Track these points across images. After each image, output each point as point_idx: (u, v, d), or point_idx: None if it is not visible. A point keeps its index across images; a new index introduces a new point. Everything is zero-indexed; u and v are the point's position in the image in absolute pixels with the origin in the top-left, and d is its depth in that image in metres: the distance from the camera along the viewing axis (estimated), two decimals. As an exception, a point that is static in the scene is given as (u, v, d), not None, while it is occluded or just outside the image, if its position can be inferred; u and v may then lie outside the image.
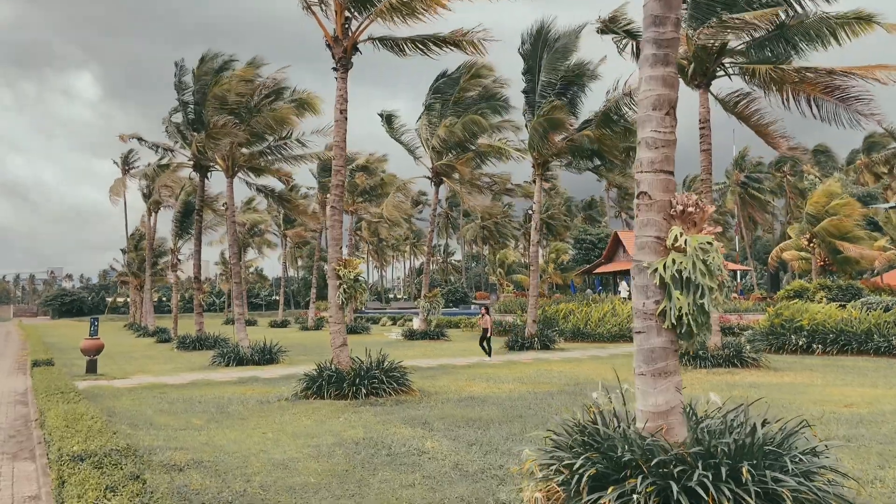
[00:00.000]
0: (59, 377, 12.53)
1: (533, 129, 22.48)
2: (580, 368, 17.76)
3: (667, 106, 5.55)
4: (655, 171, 5.53)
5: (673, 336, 5.57)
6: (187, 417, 11.10)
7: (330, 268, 13.32)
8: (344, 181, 13.62)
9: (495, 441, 8.56)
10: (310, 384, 12.63)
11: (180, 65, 26.77)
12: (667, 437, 5.41)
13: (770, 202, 73.43)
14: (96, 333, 18.26)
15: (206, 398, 13.31)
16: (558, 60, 22.82)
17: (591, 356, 21.56)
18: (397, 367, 13.25)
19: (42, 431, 8.49)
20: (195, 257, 28.38)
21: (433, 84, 29.44)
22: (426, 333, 31.68)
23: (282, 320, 55.58)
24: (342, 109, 13.41)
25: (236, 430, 9.87)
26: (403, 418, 10.43)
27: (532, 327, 24.50)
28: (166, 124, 28.88)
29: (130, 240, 53.48)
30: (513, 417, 10.28)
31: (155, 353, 26.94)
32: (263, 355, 20.64)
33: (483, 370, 17.77)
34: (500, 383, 14.81)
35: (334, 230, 13.50)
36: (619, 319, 28.75)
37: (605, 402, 6.22)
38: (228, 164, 22.18)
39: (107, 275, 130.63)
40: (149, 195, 44.87)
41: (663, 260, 5.47)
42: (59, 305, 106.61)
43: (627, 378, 15.07)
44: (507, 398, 12.40)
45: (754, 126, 18.86)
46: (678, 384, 5.61)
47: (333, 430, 9.58)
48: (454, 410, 11.10)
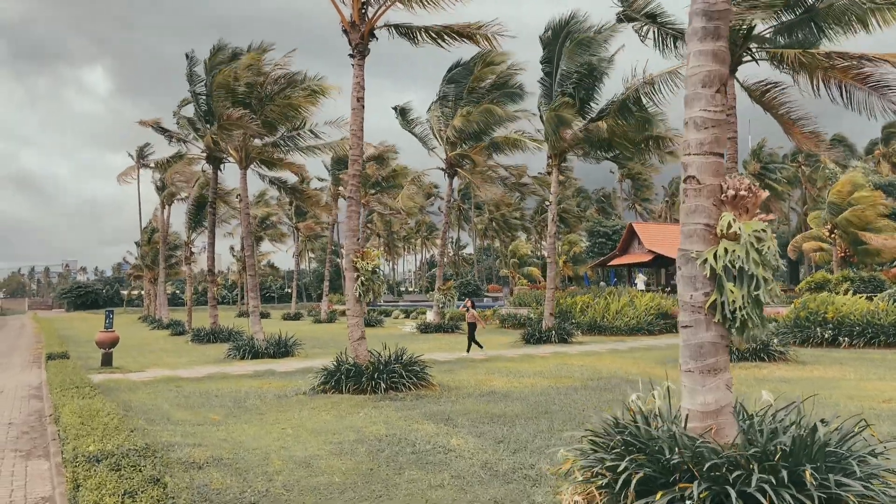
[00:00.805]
0: (73, 371, 12.33)
1: (547, 121, 22.06)
2: (601, 362, 17.40)
3: (717, 82, 5.18)
4: (704, 154, 5.17)
5: (723, 330, 5.23)
6: (204, 412, 10.87)
7: (347, 260, 13.03)
8: (360, 171, 13.30)
9: (523, 438, 8.25)
10: (328, 378, 12.37)
11: (191, 56, 26.53)
12: (716, 437, 5.08)
13: (786, 193, 72.56)
14: (111, 326, 18.10)
15: (222, 392, 13.09)
16: (580, 54, 22.27)
17: (610, 350, 21.18)
18: (416, 360, 12.95)
19: (56, 427, 8.26)
20: (209, 250, 28.21)
21: (447, 74, 29.00)
22: (440, 326, 31.39)
23: (294, 313, 55.51)
24: (359, 97, 13.07)
25: (255, 425, 9.62)
26: (425, 414, 10.14)
27: (549, 320, 24.13)
28: (177, 117, 28.73)
29: (144, 233, 53.54)
30: (538, 413, 9.95)
31: (170, 345, 26.84)
32: (279, 348, 20.43)
33: (502, 364, 17.45)
34: (520, 378, 14.49)
35: (351, 221, 13.19)
36: (637, 312, 28.34)
37: (644, 401, 5.85)
38: (242, 156, 21.92)
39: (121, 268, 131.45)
40: (162, 188, 44.85)
41: (713, 249, 5.11)
42: (74, 298, 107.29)
43: (651, 373, 14.72)
44: (530, 393, 12.08)
45: (780, 118, 18.32)
46: (728, 381, 5.26)
47: (354, 426, 9.31)
48: (477, 406, 10.80)
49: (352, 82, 13.09)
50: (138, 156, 56.16)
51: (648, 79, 18.16)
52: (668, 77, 17.84)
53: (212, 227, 28.25)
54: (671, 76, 17.91)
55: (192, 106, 27.03)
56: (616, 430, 5.56)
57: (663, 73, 18.04)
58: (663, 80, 17.97)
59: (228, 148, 22.25)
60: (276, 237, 67.34)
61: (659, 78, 17.96)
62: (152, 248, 51.78)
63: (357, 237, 13.26)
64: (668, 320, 29.03)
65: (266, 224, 60.07)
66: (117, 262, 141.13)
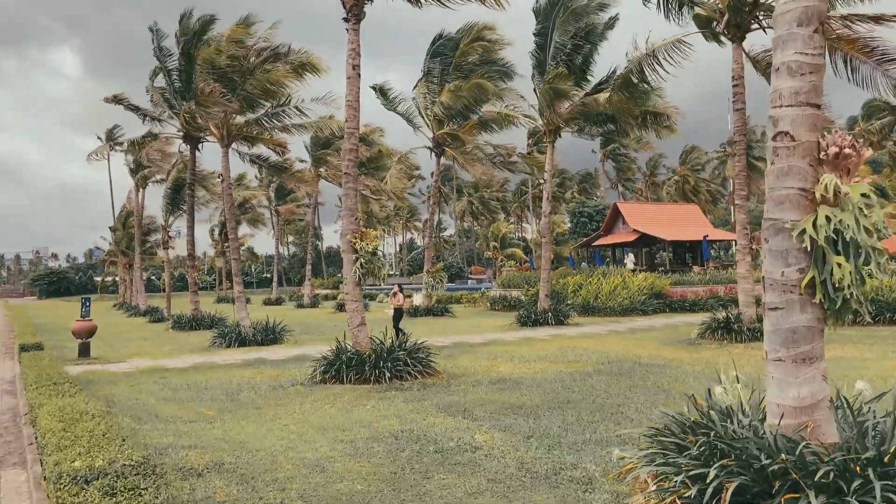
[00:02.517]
0: (49, 364, 11.36)
1: (542, 95, 21.23)
2: (604, 345, 16.79)
3: (815, 20, 4.40)
4: (800, 105, 4.41)
5: (820, 312, 4.50)
6: (196, 407, 10.01)
7: (345, 241, 12.16)
8: (357, 146, 12.39)
9: (554, 433, 7.52)
10: (327, 367, 11.55)
11: (155, 29, 24.97)
12: (812, 436, 4.37)
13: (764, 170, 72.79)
14: (88, 314, 17.04)
15: (212, 384, 12.21)
16: (575, 22, 21.47)
17: (609, 331, 20.61)
18: (421, 347, 12.18)
19: (33, 430, 7.35)
20: (188, 233, 27.06)
21: (431, 47, 27.94)
22: (430, 310, 30.63)
23: (276, 298, 54.38)
24: (354, 65, 12.12)
25: (253, 421, 8.79)
26: (438, 405, 9.38)
27: (545, 302, 23.48)
28: (151, 92, 27.30)
29: (118, 218, 51.85)
30: (560, 403, 9.24)
31: (149, 333, 25.75)
32: (266, 335, 19.53)
33: (502, 348, 16.76)
34: (526, 362, 13.79)
35: (348, 199, 12.30)
36: (630, 293, 27.84)
37: (727, 392, 5.12)
38: (223, 133, 20.80)
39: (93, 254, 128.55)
40: (136, 170, 43.23)
41: (811, 217, 4.37)
42: (47, 285, 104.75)
43: (661, 355, 14.09)
44: (543, 380, 11.38)
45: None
46: (825, 372, 4.55)
47: (364, 421, 8.52)
48: (491, 395, 10.07)
49: (346, 49, 12.13)
50: (108, 138, 54.26)
51: (651, 50, 17.37)
52: (672, 47, 17.08)
53: (191, 210, 27.06)
54: (675, 46, 17.15)
55: (165, 82, 25.66)
56: (691, 429, 4.82)
57: (666, 42, 17.27)
58: (667, 50, 17.20)
59: (209, 125, 21.08)
60: (255, 221, 65.93)
61: (663, 48, 17.19)
62: (127, 232, 50.18)
63: (355, 216, 12.39)
64: (660, 300, 28.61)
65: (245, 208, 58.62)
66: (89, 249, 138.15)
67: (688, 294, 29.51)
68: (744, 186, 16.14)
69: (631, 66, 17.92)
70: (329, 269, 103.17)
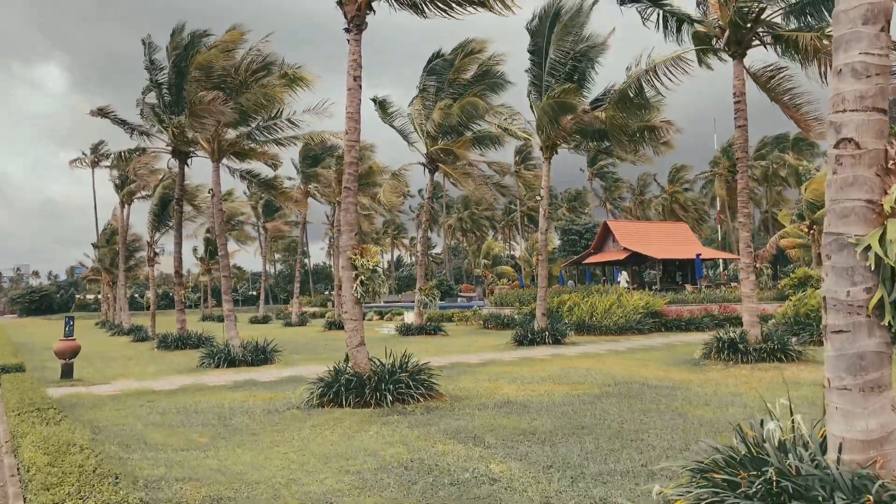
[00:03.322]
0: (31, 387, 10.74)
1: (542, 111, 20.98)
2: (606, 365, 16.37)
3: (882, 19, 4.07)
4: (866, 110, 4.06)
5: (888, 336, 4.11)
6: (186, 433, 9.45)
7: (344, 257, 11.70)
8: (357, 159, 11.98)
9: (574, 462, 7.06)
10: (325, 390, 11.02)
11: (148, 42, 24.68)
12: (883, 473, 3.96)
13: (754, 191, 73.31)
14: (72, 334, 16.39)
15: (202, 407, 11.64)
16: (568, 35, 21.38)
17: (608, 350, 20.22)
18: (423, 368, 11.70)
19: (16, 460, 6.79)
20: (175, 250, 26.44)
21: (427, 65, 27.79)
22: (422, 328, 30.09)
23: (263, 316, 53.61)
24: (356, 76, 11.75)
25: (250, 449, 8.26)
26: (445, 431, 8.89)
27: (542, 321, 23.07)
28: (140, 106, 26.82)
29: (102, 234, 50.96)
30: (575, 429, 8.79)
31: (133, 353, 25.01)
32: (257, 355, 18.93)
33: (501, 368, 16.30)
34: (530, 384, 13.34)
35: (348, 214, 11.87)
36: (626, 312, 27.50)
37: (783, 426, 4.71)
38: (214, 147, 20.32)
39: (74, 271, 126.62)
40: (122, 186, 42.53)
41: (878, 232, 4.00)
42: (27, 303, 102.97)
43: (667, 376, 13.66)
44: (551, 403, 10.93)
45: (785, 105, 17.60)
46: (894, 401, 4.15)
47: (369, 449, 8.02)
48: (499, 420, 9.60)
49: (347, 60, 11.76)
50: (92, 152, 53.50)
51: (651, 65, 17.19)
52: (673, 63, 16.91)
53: (178, 226, 26.47)
54: (674, 62, 16.99)
55: (155, 96, 25.22)
56: (742, 464, 4.40)
57: (666, 58, 17.10)
58: (667, 66, 17.02)
59: (199, 139, 20.60)
60: (242, 238, 65.16)
61: (662, 64, 17.01)
62: (111, 249, 49.29)
63: (355, 232, 11.94)
64: (656, 319, 28.29)
65: (232, 224, 57.93)
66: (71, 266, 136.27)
67: (683, 313, 29.24)
68: (747, 204, 15.90)
69: (629, 81, 17.72)
70: (316, 287, 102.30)
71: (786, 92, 17.45)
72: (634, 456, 7.19)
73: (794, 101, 17.52)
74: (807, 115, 17.73)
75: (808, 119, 17.79)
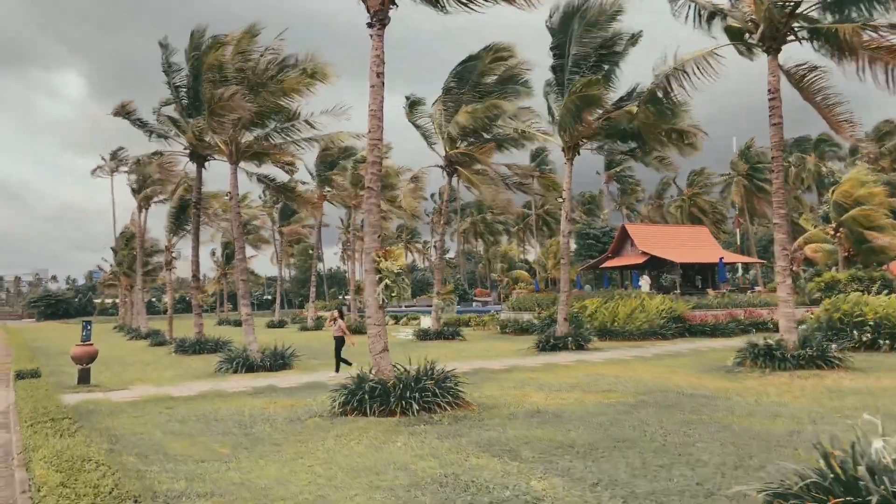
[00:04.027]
0: (46, 394, 10.42)
1: (564, 107, 20.50)
2: (635, 372, 15.84)
3: None
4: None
5: None
6: (207, 443, 9.06)
7: (368, 259, 11.30)
8: (380, 158, 11.59)
9: (622, 479, 6.58)
10: (349, 398, 10.60)
11: (165, 44, 24.50)
12: None
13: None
14: (89, 339, 16.12)
15: (222, 415, 11.27)
16: (592, 32, 20.93)
17: (634, 357, 19.66)
18: (449, 375, 11.25)
19: (28, 475, 6.43)
20: (193, 254, 26.23)
21: (456, 67, 27.35)
22: (440, 333, 29.63)
23: (279, 320, 53.40)
24: (379, 73, 11.37)
25: (274, 461, 7.85)
26: (478, 443, 8.44)
27: (564, 326, 22.56)
28: (157, 113, 26.70)
29: (120, 238, 51.03)
30: (615, 441, 8.30)
31: (151, 357, 24.78)
32: (275, 360, 18.58)
33: (527, 375, 15.81)
34: (558, 392, 12.85)
35: (371, 215, 11.47)
36: (649, 316, 26.90)
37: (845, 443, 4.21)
38: (232, 150, 20.02)
39: (93, 276, 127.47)
40: (139, 190, 42.50)
41: None
42: (45, 308, 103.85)
43: (700, 384, 13.10)
44: (584, 413, 10.43)
45: (817, 105, 17.02)
46: None
47: (398, 462, 7.58)
48: (532, 431, 9.12)
49: (370, 56, 11.38)
50: (112, 158, 53.65)
51: (679, 63, 16.66)
52: (703, 60, 16.37)
53: (196, 230, 26.24)
54: (705, 59, 16.44)
55: (172, 98, 25.05)
56: (833, 489, 3.91)
57: (696, 55, 16.57)
58: (696, 64, 16.48)
59: (217, 142, 20.32)
60: (257, 242, 65.11)
61: (692, 61, 16.48)
62: (129, 253, 49.31)
63: (378, 234, 11.54)
64: (679, 324, 27.66)
65: (247, 228, 57.89)
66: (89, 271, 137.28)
67: (707, 318, 28.58)
68: (782, 204, 15.33)
69: (658, 80, 17.21)
70: (330, 291, 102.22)
71: (819, 91, 16.87)
72: (687, 473, 6.69)
73: (826, 101, 16.94)
74: (839, 116, 17.13)
75: (840, 120, 17.20)
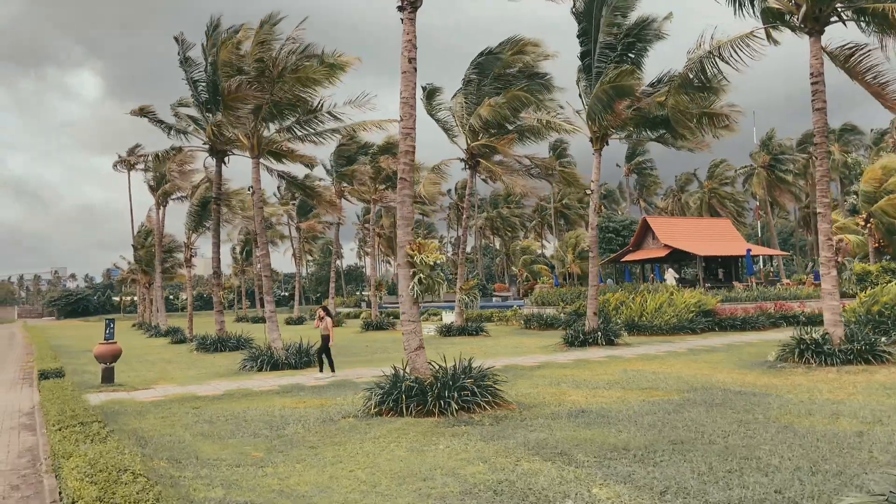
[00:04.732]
0: (72, 396, 10.09)
1: (595, 97, 19.90)
2: (672, 368, 15.29)
3: None
4: None
5: None
6: (239, 445, 8.69)
7: (402, 253, 10.86)
8: (413, 147, 11.15)
9: (692, 487, 6.07)
10: (384, 397, 10.18)
11: (181, 39, 24.17)
12: None
13: (795, 185, 71.07)
14: (112, 337, 15.84)
15: (251, 415, 10.91)
16: (617, 17, 20.35)
17: (667, 352, 19.09)
18: (488, 373, 10.80)
19: (57, 482, 6.05)
20: (213, 250, 25.92)
21: (475, 59, 26.83)
22: (464, 329, 29.15)
23: (297, 317, 53.19)
24: (411, 58, 10.91)
25: (311, 465, 7.44)
26: (525, 445, 7.98)
27: (593, 320, 21.99)
28: (174, 111, 26.43)
29: (138, 235, 51.06)
30: (672, 443, 7.80)
31: (172, 355, 24.57)
32: (300, 358, 18.26)
33: (560, 372, 15.33)
34: (597, 389, 12.36)
35: (404, 207, 11.02)
36: (677, 310, 26.26)
37: None
38: (254, 143, 19.66)
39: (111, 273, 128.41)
40: (156, 187, 42.38)
41: None
42: (65, 305, 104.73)
43: (744, 381, 12.50)
44: (630, 412, 9.94)
45: (867, 84, 16.28)
46: None
47: (445, 467, 7.14)
48: (581, 432, 8.64)
49: (402, 41, 10.92)
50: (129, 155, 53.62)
51: (715, 46, 16.01)
52: (740, 43, 15.72)
53: (216, 226, 25.97)
54: (742, 42, 15.78)
55: (191, 97, 24.77)
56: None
57: (732, 38, 15.93)
58: (733, 47, 15.84)
59: (239, 135, 19.95)
60: (274, 238, 65.01)
61: (728, 44, 15.84)
62: (147, 251, 49.32)
63: (411, 226, 11.09)
64: (708, 318, 26.99)
65: (267, 223, 57.80)
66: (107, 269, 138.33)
67: (737, 311, 27.88)
68: (826, 192, 14.69)
69: (691, 64, 16.58)
70: (347, 287, 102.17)
71: (868, 70, 16.08)
72: (761, 480, 6.19)
73: (878, 79, 16.17)
74: (893, 94, 16.37)
75: (893, 97, 16.44)
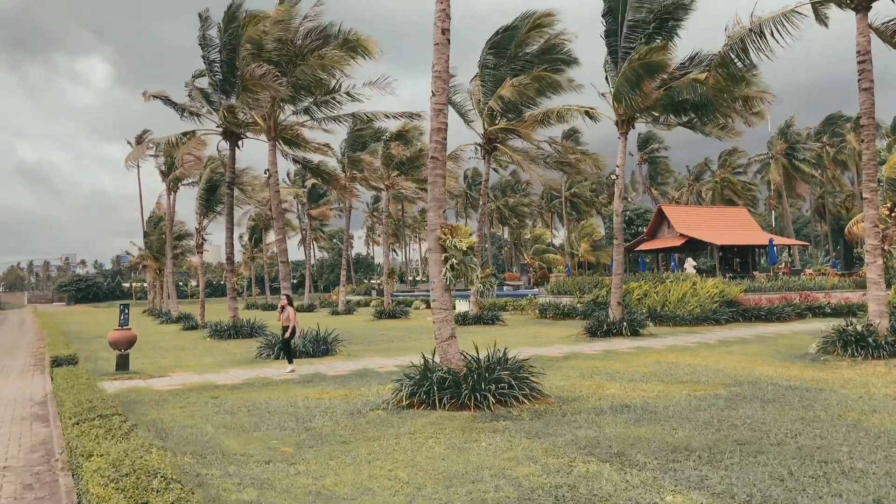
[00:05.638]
0: (88, 385, 9.55)
1: (623, 76, 19.16)
2: (707, 360, 14.66)
3: None
4: None
5: None
6: (265, 438, 8.14)
7: (433, 237, 10.26)
8: (445, 124, 10.50)
9: (776, 495, 5.45)
10: (415, 389, 9.62)
11: (204, 16, 23.59)
12: None
13: (812, 174, 69.96)
14: (127, 323, 15.35)
15: (274, 406, 10.37)
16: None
17: (697, 343, 18.47)
18: (524, 365, 10.22)
19: (74, 482, 5.50)
20: (227, 235, 25.41)
21: (491, 39, 26.02)
22: (480, 318, 28.59)
23: (308, 304, 52.76)
24: (444, 28, 10.25)
25: (347, 464, 6.87)
26: (575, 443, 7.39)
27: (617, 310, 21.37)
28: (189, 88, 25.81)
29: (149, 221, 50.65)
30: (738, 444, 7.19)
31: (186, 342, 24.09)
32: (318, 346, 17.70)
33: (588, 363, 14.73)
34: (633, 382, 11.76)
35: (436, 188, 10.41)
36: (701, 300, 25.61)
37: None
38: (270, 125, 19.06)
39: (120, 260, 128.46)
40: (167, 172, 41.87)
41: None
42: (75, 291, 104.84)
43: (788, 374, 11.83)
44: (678, 407, 9.33)
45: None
46: None
47: (493, 467, 6.56)
48: (632, 429, 8.04)
49: (435, 10, 10.27)
50: (137, 142, 53.15)
51: (756, 24, 15.25)
52: (783, 19, 14.95)
53: (229, 211, 25.46)
54: (785, 18, 15.01)
55: (206, 77, 24.19)
56: None
57: (774, 15, 15.16)
58: (775, 23, 15.08)
59: (255, 117, 19.36)
60: (286, 224, 64.53)
61: (770, 21, 15.08)
62: (158, 237, 48.92)
63: (443, 208, 10.48)
64: (732, 308, 26.32)
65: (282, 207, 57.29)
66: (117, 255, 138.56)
67: (762, 302, 27.20)
68: (873, 177, 13.98)
69: (731, 42, 15.82)
70: (357, 275, 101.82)
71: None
72: (853, 487, 5.58)
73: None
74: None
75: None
